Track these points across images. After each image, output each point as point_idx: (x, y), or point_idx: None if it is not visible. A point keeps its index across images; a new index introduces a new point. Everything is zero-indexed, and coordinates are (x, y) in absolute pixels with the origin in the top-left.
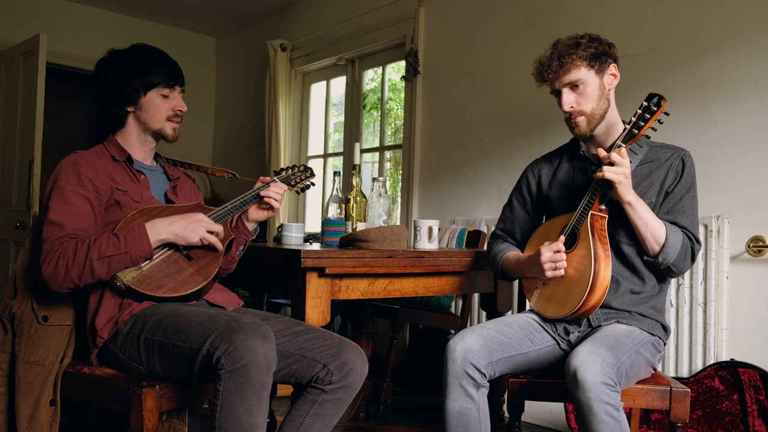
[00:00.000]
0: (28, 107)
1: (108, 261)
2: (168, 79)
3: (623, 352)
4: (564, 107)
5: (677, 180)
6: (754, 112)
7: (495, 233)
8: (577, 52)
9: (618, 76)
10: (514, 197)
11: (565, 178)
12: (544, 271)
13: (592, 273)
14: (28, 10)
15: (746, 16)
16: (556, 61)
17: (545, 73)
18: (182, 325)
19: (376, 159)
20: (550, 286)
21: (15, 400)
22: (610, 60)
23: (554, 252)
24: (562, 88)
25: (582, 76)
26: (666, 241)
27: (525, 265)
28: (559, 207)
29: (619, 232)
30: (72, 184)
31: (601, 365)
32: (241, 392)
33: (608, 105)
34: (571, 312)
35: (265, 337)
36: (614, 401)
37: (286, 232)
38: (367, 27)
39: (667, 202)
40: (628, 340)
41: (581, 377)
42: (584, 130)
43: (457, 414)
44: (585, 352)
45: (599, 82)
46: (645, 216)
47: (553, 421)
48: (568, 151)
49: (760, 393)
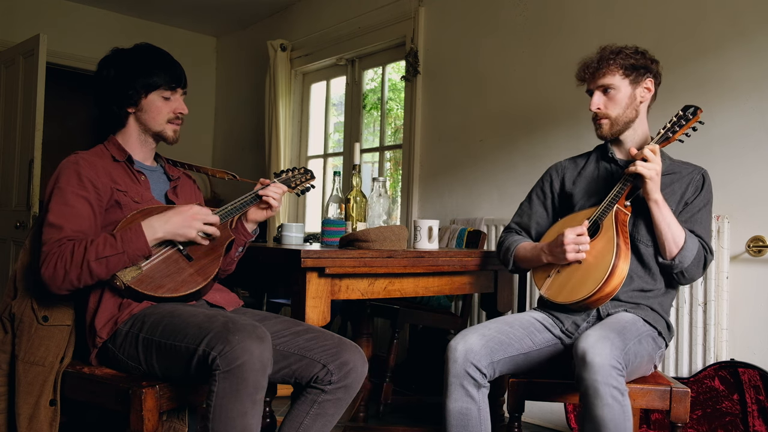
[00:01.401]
0: (28, 107)
1: (106, 261)
2: (170, 81)
3: (629, 339)
4: (591, 107)
5: (697, 193)
6: (754, 112)
7: (510, 227)
8: (617, 60)
9: (652, 91)
10: (534, 193)
11: (590, 177)
12: (566, 252)
13: (612, 261)
14: (28, 10)
15: (747, 17)
16: (595, 64)
17: (584, 72)
18: (180, 325)
19: (376, 159)
20: (564, 273)
21: (15, 400)
22: (649, 75)
23: (577, 235)
24: (594, 89)
25: (615, 82)
26: (684, 244)
27: (544, 249)
28: (581, 204)
29: (639, 232)
30: (72, 185)
31: (610, 348)
32: (236, 393)
33: (636, 115)
34: (585, 297)
35: (261, 338)
36: (620, 385)
37: (286, 232)
38: (367, 27)
39: (685, 212)
40: (633, 328)
41: (590, 359)
42: (605, 132)
43: (458, 414)
44: (594, 336)
45: (631, 92)
46: (668, 217)
47: (553, 421)
48: (596, 154)
49: (760, 393)
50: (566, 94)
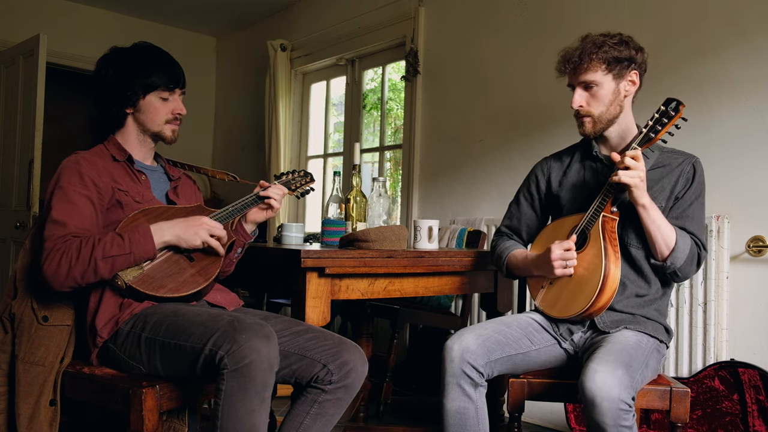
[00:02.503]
0: (28, 107)
1: (112, 261)
2: (168, 82)
3: (636, 370)
4: (573, 104)
5: (688, 186)
6: (754, 112)
7: (500, 230)
8: (599, 54)
9: (637, 84)
10: (521, 194)
11: (576, 178)
12: (554, 269)
13: (602, 273)
14: (28, 10)
15: (747, 16)
16: (576, 58)
17: (564, 65)
18: (184, 325)
19: (376, 159)
20: (557, 285)
21: (15, 400)
22: (634, 66)
23: (565, 250)
24: (576, 84)
25: (597, 78)
26: (676, 245)
27: (533, 262)
28: (568, 207)
29: (629, 235)
30: (74, 184)
31: (619, 388)
32: (244, 392)
33: (620, 111)
34: (580, 312)
35: (268, 337)
36: (629, 422)
37: (286, 232)
38: (367, 27)
39: (676, 207)
40: (639, 354)
41: (599, 402)
42: (588, 131)
43: (456, 413)
44: (601, 373)
45: (614, 87)
46: (657, 219)
47: (553, 421)
48: (580, 151)
49: (760, 393)
50: (566, 94)
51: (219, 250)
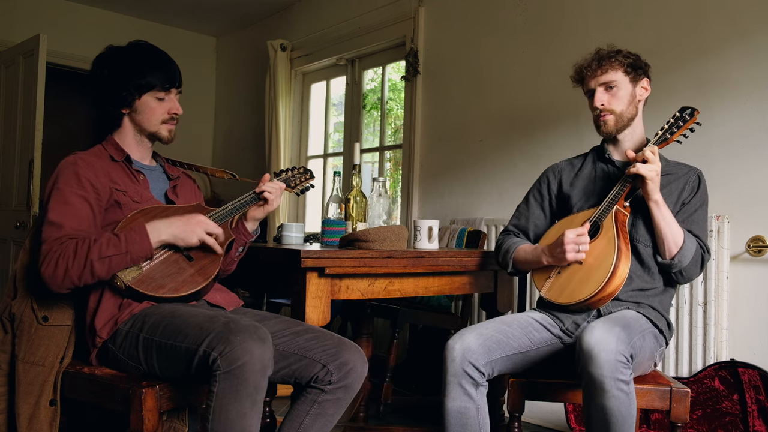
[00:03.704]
0: (28, 107)
1: (108, 261)
2: (164, 81)
3: (634, 333)
4: (595, 104)
5: (693, 193)
6: (754, 112)
7: (507, 229)
8: (617, 58)
9: (649, 91)
10: (531, 195)
11: (588, 178)
12: (566, 252)
13: (613, 261)
14: (28, 10)
15: (747, 17)
16: (595, 62)
17: (584, 71)
18: (181, 326)
19: (376, 159)
20: (565, 274)
21: (15, 400)
22: (645, 75)
23: (578, 235)
24: (596, 87)
25: (617, 78)
26: (683, 244)
27: (544, 250)
28: (579, 206)
29: (638, 232)
30: (71, 186)
31: (616, 342)
32: (236, 394)
33: (636, 113)
34: (587, 298)
35: (262, 339)
36: (627, 377)
37: (286, 232)
38: (367, 27)
39: (682, 212)
40: (637, 324)
41: (596, 354)
42: (611, 128)
43: (456, 413)
44: (599, 330)
45: (632, 89)
46: (668, 216)
47: (553, 421)
48: (592, 155)
49: (760, 393)
50: (566, 94)
51: (216, 248)
